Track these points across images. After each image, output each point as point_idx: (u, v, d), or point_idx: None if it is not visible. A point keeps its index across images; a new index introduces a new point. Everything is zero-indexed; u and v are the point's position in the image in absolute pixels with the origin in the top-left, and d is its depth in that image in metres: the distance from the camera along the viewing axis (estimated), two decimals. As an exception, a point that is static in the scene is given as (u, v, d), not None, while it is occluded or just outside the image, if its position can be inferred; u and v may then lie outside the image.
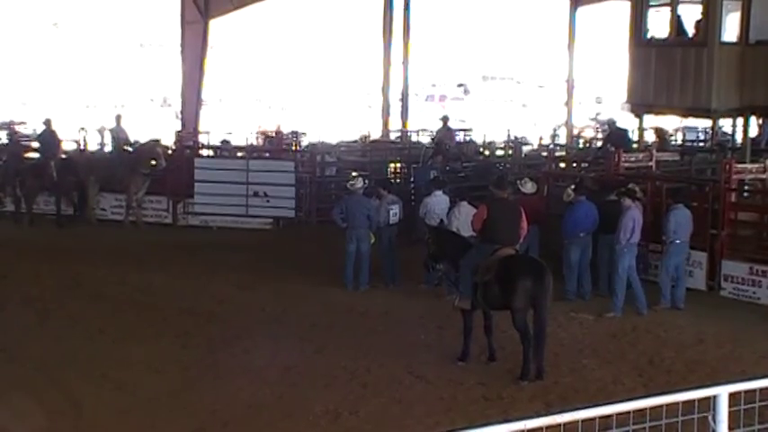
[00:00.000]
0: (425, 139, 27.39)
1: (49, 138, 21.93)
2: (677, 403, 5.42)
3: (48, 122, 22.11)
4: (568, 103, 29.01)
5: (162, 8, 44.38)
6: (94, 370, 11.50)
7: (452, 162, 21.84)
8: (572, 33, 28.25)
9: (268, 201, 21.03)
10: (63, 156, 21.88)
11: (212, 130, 28.89)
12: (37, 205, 21.70)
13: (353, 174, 18.62)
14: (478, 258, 11.61)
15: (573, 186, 15.51)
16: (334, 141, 27.15)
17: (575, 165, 21.86)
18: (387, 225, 15.99)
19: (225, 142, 25.50)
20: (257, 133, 29.33)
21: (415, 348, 12.49)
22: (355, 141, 28.06)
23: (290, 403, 10.53)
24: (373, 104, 38.12)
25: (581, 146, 27.96)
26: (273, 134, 28.05)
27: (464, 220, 13.99)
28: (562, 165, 21.94)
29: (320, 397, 10.68)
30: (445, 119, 26.51)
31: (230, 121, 37.55)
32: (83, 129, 24.39)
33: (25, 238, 19.97)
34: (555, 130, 30.79)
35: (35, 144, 22.74)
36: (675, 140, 28.25)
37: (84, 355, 12.10)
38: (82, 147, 23.57)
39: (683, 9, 19.54)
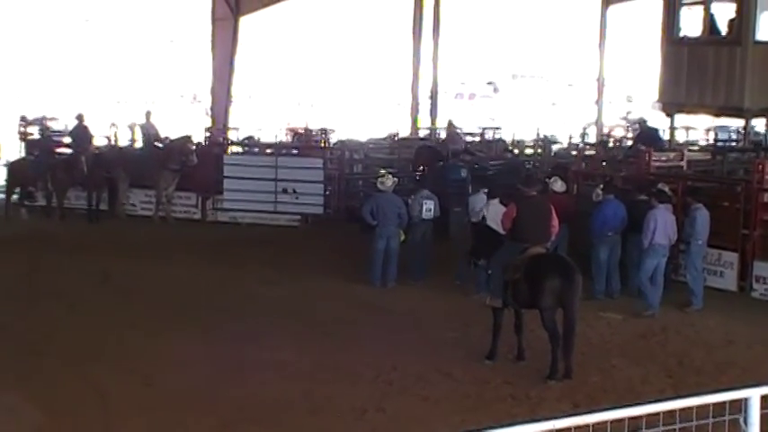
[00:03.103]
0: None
1: (80, 133, 22.04)
2: (707, 405, 5.35)
3: (80, 117, 22.23)
4: (598, 102, 28.82)
5: (193, 5, 44.56)
6: (122, 364, 11.55)
7: (455, 159, 21.54)
8: (603, 31, 28.03)
9: (296, 197, 21.07)
10: (95, 151, 22.00)
11: (242, 127, 28.95)
12: (68, 200, 21.85)
13: (381, 171, 18.56)
14: (508, 257, 11.57)
15: (602, 186, 15.41)
16: (362, 139, 27.13)
17: (604, 164, 21.71)
18: (421, 221, 15.94)
19: (249, 138, 25.52)
20: (286, 130, 29.34)
21: (442, 346, 12.46)
22: (384, 139, 28.02)
23: (317, 400, 10.52)
24: (402, 102, 38.06)
25: (610, 145, 27.74)
26: (302, 131, 28.06)
27: (493, 218, 13.93)
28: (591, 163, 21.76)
29: (346, 394, 10.66)
30: (450, 123, 26.38)
31: (259, 117, 37.61)
32: (113, 124, 24.48)
33: (55, 233, 20.09)
34: (585, 128, 30.59)
35: (67, 139, 22.88)
36: (707, 140, 28.05)
37: (111, 349, 12.16)
38: (113, 142, 23.69)
39: (716, 7, 19.34)
